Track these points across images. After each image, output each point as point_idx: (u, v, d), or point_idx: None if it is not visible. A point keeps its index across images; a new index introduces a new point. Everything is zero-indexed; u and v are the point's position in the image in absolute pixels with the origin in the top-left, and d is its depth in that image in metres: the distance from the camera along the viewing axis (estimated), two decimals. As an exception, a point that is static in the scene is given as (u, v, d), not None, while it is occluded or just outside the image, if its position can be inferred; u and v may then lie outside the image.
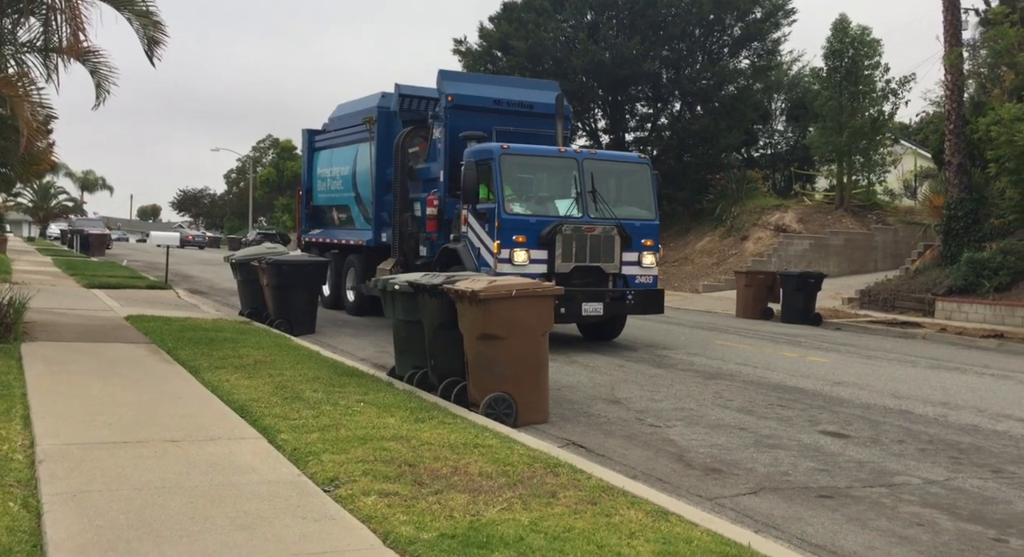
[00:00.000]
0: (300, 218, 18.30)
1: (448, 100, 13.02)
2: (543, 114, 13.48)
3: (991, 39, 15.90)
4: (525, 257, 11.20)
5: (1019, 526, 4.81)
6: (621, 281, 11.78)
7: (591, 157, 12.15)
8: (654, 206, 12.34)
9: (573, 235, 11.36)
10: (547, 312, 7.30)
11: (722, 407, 8.05)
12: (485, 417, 6.77)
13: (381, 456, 5.12)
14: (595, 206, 11.65)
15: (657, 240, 12.12)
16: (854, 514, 4.95)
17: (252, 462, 5.05)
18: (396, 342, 8.68)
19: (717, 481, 5.57)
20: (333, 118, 17.26)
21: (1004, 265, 17.66)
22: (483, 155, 11.70)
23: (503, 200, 11.30)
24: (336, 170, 16.69)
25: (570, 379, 9.33)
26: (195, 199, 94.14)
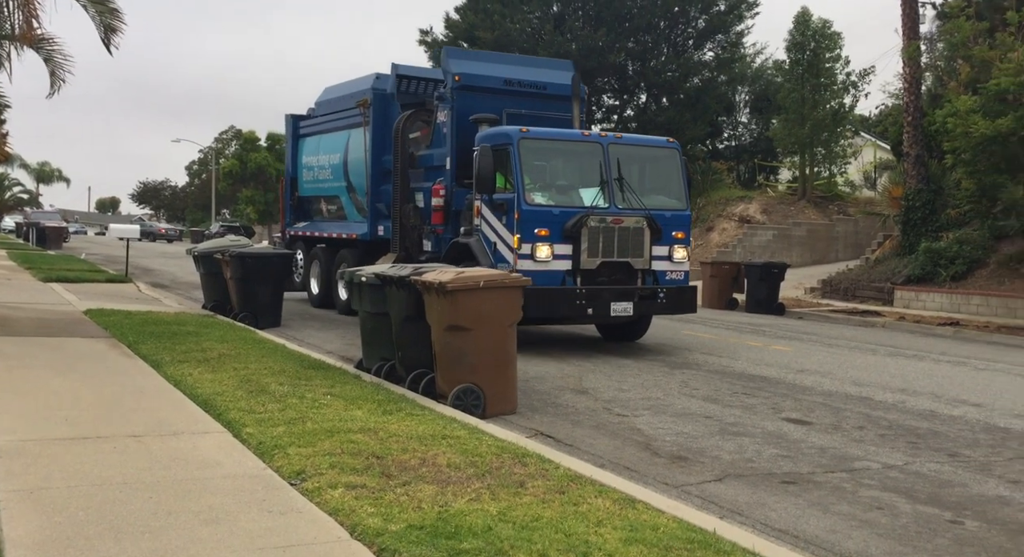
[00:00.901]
0: (284, 210, 17.17)
1: (455, 80, 11.82)
2: (556, 95, 12.34)
3: (947, 33, 16.21)
4: (548, 252, 10.14)
5: (974, 508, 4.94)
6: (651, 278, 10.74)
7: (617, 141, 10.93)
8: (685, 195, 11.31)
9: (600, 228, 10.29)
10: (515, 303, 7.29)
11: (688, 396, 8.13)
12: (453, 408, 6.75)
13: (348, 449, 5.09)
14: (622, 196, 10.55)
15: (689, 233, 11.14)
16: (816, 499, 5.04)
17: (217, 456, 4.98)
18: (363, 334, 8.62)
19: (683, 469, 5.63)
20: (320, 102, 16.10)
21: (960, 254, 18.08)
22: (500, 140, 10.59)
23: (523, 189, 10.21)
24: (325, 158, 15.56)
25: (538, 370, 9.35)
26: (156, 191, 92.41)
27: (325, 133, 15.58)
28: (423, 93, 13.44)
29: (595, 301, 10.20)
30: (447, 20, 35.10)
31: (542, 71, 12.76)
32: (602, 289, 10.30)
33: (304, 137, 16.49)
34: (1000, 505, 5.01)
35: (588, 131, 11.20)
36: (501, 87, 12.07)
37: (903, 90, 21.44)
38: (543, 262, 10.12)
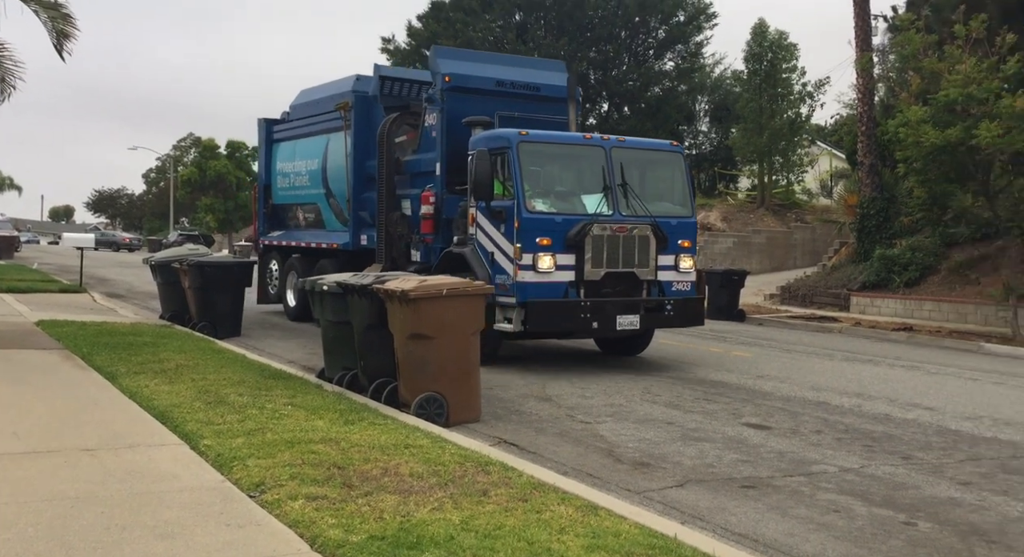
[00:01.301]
0: (257, 218, 16.39)
1: (445, 80, 11.18)
2: (550, 97, 11.82)
3: (898, 45, 16.66)
4: (551, 263, 9.50)
5: (927, 510, 5.05)
6: (656, 288, 10.14)
7: (619, 145, 10.35)
8: (690, 201, 10.81)
9: (604, 236, 9.70)
10: (478, 311, 7.29)
11: (650, 402, 8.19)
12: (416, 417, 6.72)
13: (309, 459, 5.02)
14: (626, 202, 10.00)
15: (695, 241, 10.58)
16: (775, 503, 5.11)
17: (173, 469, 4.89)
18: (325, 343, 8.53)
19: (645, 475, 5.67)
20: (296, 105, 15.40)
21: (913, 261, 18.54)
22: (497, 143, 9.98)
23: (523, 196, 9.58)
24: (301, 164, 14.89)
25: (502, 377, 9.35)
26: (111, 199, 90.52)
27: (302, 138, 14.96)
28: (407, 96, 12.93)
29: (600, 314, 9.64)
30: (409, 28, 35.09)
31: (534, 72, 12.25)
32: (608, 302, 9.72)
33: (278, 142, 15.83)
34: (952, 506, 5.13)
35: (590, 134, 10.64)
36: (493, 88, 11.48)
37: (857, 100, 21.97)
38: (545, 273, 9.53)
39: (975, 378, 10.50)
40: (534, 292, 9.45)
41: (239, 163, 55.49)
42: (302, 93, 15.50)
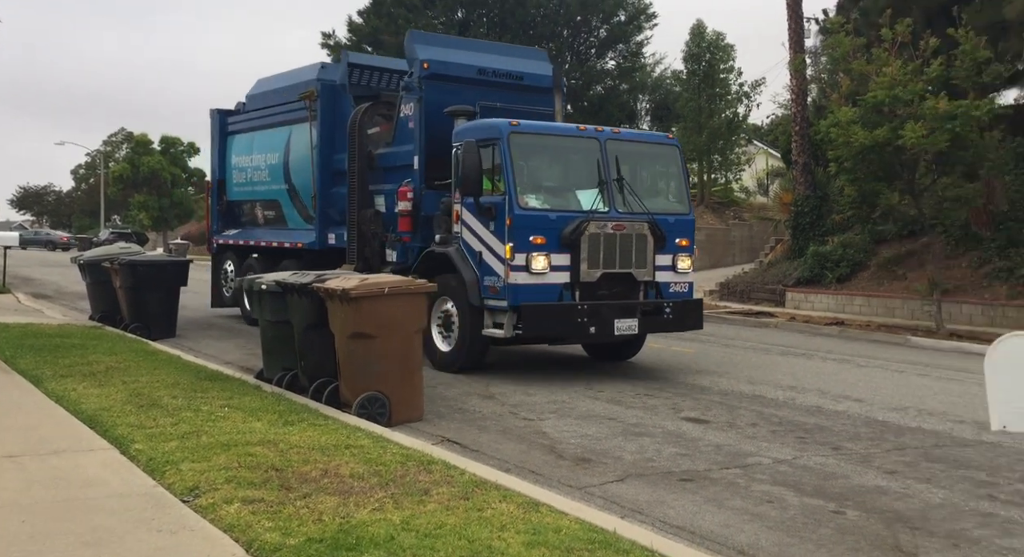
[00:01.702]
0: (210, 216, 15.26)
1: (423, 68, 10.42)
2: (533, 87, 11.19)
3: (829, 47, 17.18)
4: (545, 263, 8.89)
5: (855, 498, 5.23)
6: (653, 290, 9.59)
7: (615, 137, 9.73)
8: (687, 197, 10.27)
9: (600, 235, 9.10)
10: (420, 309, 7.25)
11: (593, 398, 8.27)
12: (358, 417, 6.65)
13: (246, 462, 4.92)
14: (623, 198, 9.39)
15: (693, 239, 10.01)
16: (712, 495, 5.22)
17: (102, 475, 4.73)
18: (264, 343, 8.37)
19: (587, 470, 5.73)
20: (253, 95, 14.39)
21: (844, 257, 19.15)
22: (487, 134, 9.29)
23: (515, 191, 8.91)
24: (260, 158, 13.89)
25: (446, 376, 9.32)
26: (38, 196, 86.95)
27: (260, 130, 13.97)
28: (377, 85, 12.39)
29: (597, 318, 9.04)
30: (350, 24, 34.66)
31: (516, 60, 11.53)
32: (605, 305, 9.13)
33: (234, 134, 14.73)
34: (878, 494, 5.32)
35: (584, 126, 9.96)
36: (474, 77, 10.76)
37: (791, 101, 22.57)
38: (539, 274, 8.88)
39: (901, 370, 10.92)
40: (527, 295, 8.84)
41: (174, 159, 53.93)
42: (260, 82, 14.63)
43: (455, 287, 9.40)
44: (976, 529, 4.70)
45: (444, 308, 9.63)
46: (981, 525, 4.77)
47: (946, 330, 14.45)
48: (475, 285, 9.16)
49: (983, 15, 15.16)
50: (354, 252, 11.24)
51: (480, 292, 9.13)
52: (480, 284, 9.13)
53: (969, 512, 4.99)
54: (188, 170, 55.50)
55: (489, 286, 9.08)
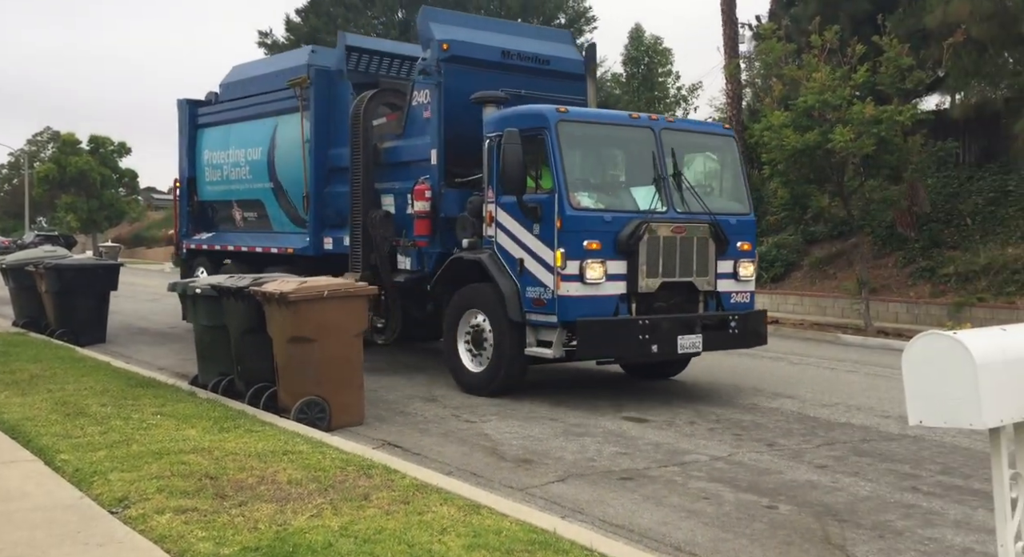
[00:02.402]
0: (179, 218, 13.83)
1: (443, 49, 9.13)
2: (561, 73, 9.97)
3: (762, 52, 17.64)
4: (601, 272, 7.71)
5: (787, 493, 5.38)
6: (714, 301, 8.44)
7: (669, 126, 8.56)
8: (747, 195, 9.01)
9: (660, 239, 7.96)
10: (360, 312, 7.18)
11: (535, 399, 8.32)
12: (296, 422, 6.55)
13: (179, 471, 4.80)
14: (681, 196, 8.27)
15: (755, 243, 8.94)
16: (650, 493, 5.31)
17: (24, 487, 4.54)
18: (199, 349, 8.17)
19: (528, 471, 5.76)
20: (229, 84, 13.04)
21: (778, 258, 19.70)
22: (531, 122, 8.06)
23: (566, 188, 7.74)
24: (239, 153, 12.41)
25: (387, 379, 9.24)
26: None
27: (239, 122, 12.53)
28: (375, 71, 11.22)
29: (659, 334, 7.83)
30: (288, 22, 34.13)
31: (541, 42, 10.31)
32: (666, 319, 7.97)
33: (205, 127, 13.25)
34: (809, 489, 5.49)
35: (636, 113, 8.86)
36: (498, 60, 9.55)
37: (727, 105, 23.12)
38: (594, 284, 7.69)
39: (832, 367, 11.28)
40: (582, 308, 7.64)
41: (103, 159, 52.12)
42: (236, 69, 13.39)
43: (489, 299, 8.22)
44: (900, 520, 4.89)
45: (474, 322, 8.42)
46: (905, 516, 4.96)
47: (874, 328, 14.98)
48: (515, 297, 7.96)
49: (906, 23, 15.77)
50: (359, 259, 9.88)
51: (521, 305, 7.93)
52: (522, 296, 7.95)
53: (894, 504, 5.19)
54: (119, 171, 53.71)
55: (533, 298, 7.87)
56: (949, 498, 5.29)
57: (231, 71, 13.42)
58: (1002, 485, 2.83)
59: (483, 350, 8.37)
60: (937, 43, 14.91)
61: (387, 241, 9.66)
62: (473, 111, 8.83)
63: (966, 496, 5.32)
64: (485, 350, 8.34)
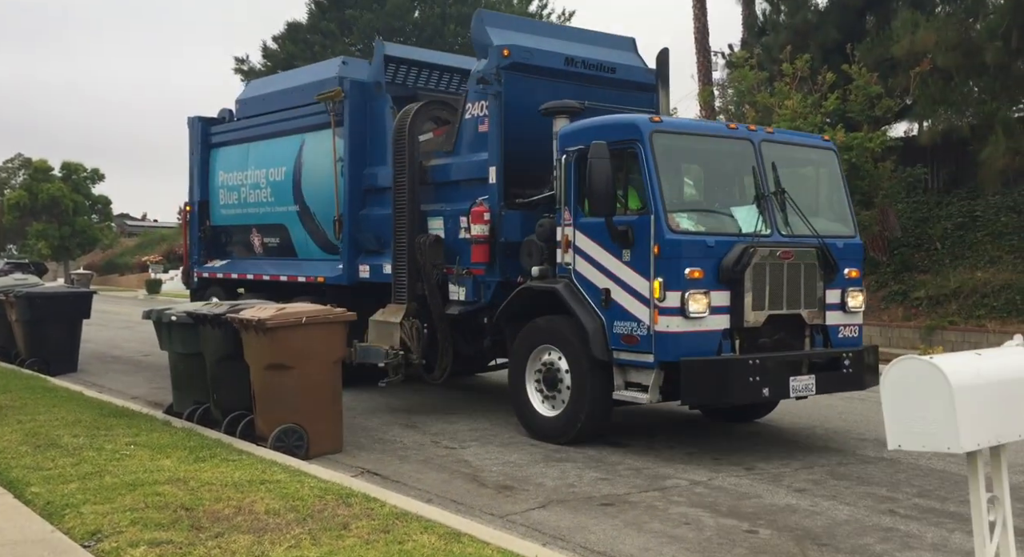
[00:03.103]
0: (189, 245, 12.88)
1: (503, 55, 8.25)
2: (627, 82, 9.08)
3: (735, 80, 17.98)
4: (705, 304, 6.76)
5: (767, 517, 5.39)
6: (821, 336, 7.46)
7: (769, 138, 7.64)
8: (851, 216, 8.05)
9: (766, 266, 7.03)
10: (339, 339, 7.14)
11: (515, 425, 8.26)
12: (274, 451, 6.47)
13: (153, 502, 4.71)
14: (784, 217, 7.34)
15: (863, 269, 8.03)
16: (631, 519, 5.29)
17: (-6, 522, 4.43)
18: (174, 377, 8.07)
19: (509, 498, 5.72)
20: (246, 100, 12.18)
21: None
22: (621, 134, 7.15)
23: (663, 208, 6.82)
24: (259, 174, 11.47)
25: (366, 405, 9.16)
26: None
27: (258, 140, 11.56)
28: (413, 84, 10.58)
29: (770, 376, 6.87)
30: (264, 49, 34.25)
31: (605, 50, 9.40)
32: (774, 358, 6.99)
33: (219, 147, 12.35)
34: (789, 513, 5.50)
35: (733, 123, 7.89)
36: (561, 67, 8.66)
37: (701, 132, 23.39)
38: (697, 318, 6.74)
39: (809, 390, 11.34)
40: (684, 346, 6.70)
41: (76, 186, 51.62)
42: (254, 85, 12.70)
43: (566, 334, 7.32)
44: (878, 544, 4.92)
45: (546, 360, 7.50)
46: (883, 539, 4.99)
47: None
48: (600, 332, 7.03)
49: (874, 53, 16.17)
50: (404, 289, 8.90)
51: (607, 342, 7.00)
52: (608, 331, 7.02)
53: (872, 527, 5.21)
54: (92, 197, 53.19)
55: (622, 334, 6.94)
56: (926, 521, 5.33)
57: (248, 86, 12.83)
58: (980, 508, 2.87)
59: (557, 392, 7.39)
60: (905, 72, 15.29)
61: (437, 269, 8.70)
62: (534, 124, 8.02)
63: (943, 519, 5.36)
64: (560, 392, 7.36)
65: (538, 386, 7.59)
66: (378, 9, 32.23)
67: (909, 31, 14.93)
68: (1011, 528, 3.03)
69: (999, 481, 3.01)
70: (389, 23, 32.16)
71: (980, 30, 14.75)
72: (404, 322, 8.65)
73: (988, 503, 2.92)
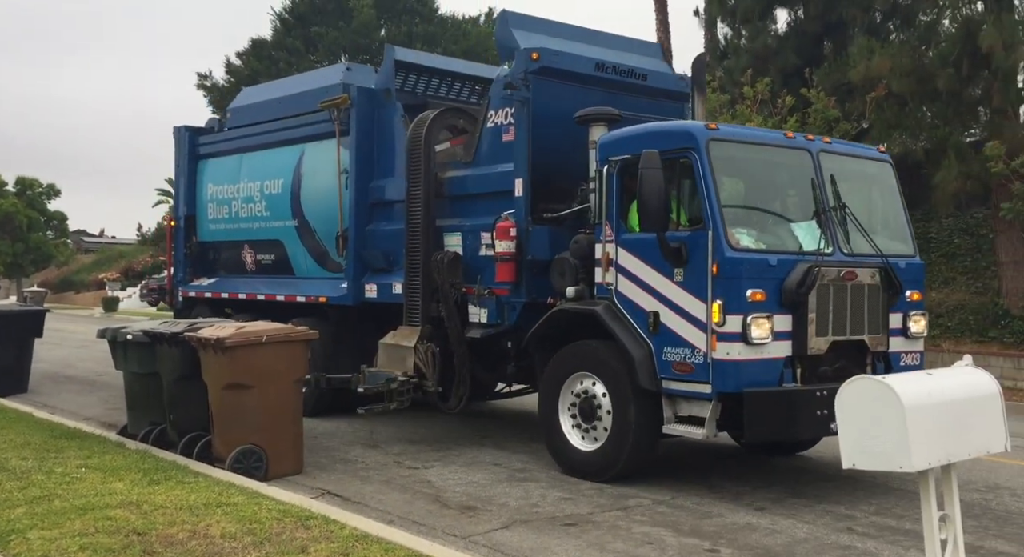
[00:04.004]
0: (173, 262, 12.16)
1: (532, 59, 7.68)
2: (659, 90, 8.55)
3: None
4: (768, 329, 6.13)
5: (728, 536, 5.42)
6: (882, 364, 6.88)
7: (827, 148, 7.06)
8: (910, 233, 7.53)
9: (830, 287, 6.44)
10: (300, 358, 7.05)
11: (479, 445, 8.23)
12: (232, 472, 6.36)
13: (104, 527, 4.58)
14: (846, 234, 6.76)
15: (924, 291, 7.50)
16: (594, 539, 5.28)
17: (-65, 550, 4.27)
18: (129, 398, 7.89)
19: (472, 518, 5.67)
20: (238, 108, 11.53)
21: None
22: (673, 142, 6.54)
23: (722, 224, 6.20)
24: (253, 186, 10.75)
25: (327, 425, 9.04)
26: None
27: (253, 150, 10.90)
28: (424, 91, 10.04)
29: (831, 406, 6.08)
30: (228, 65, 33.98)
31: (634, 56, 8.89)
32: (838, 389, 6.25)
33: (208, 158, 11.62)
34: (749, 531, 5.54)
35: (792, 133, 7.39)
36: (591, 73, 8.08)
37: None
38: (760, 345, 6.11)
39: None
40: (745, 376, 6.07)
41: (30, 202, 50.50)
42: (247, 92, 12.13)
43: (606, 360, 6.70)
44: (838, 559, 4.97)
45: (581, 389, 6.88)
46: None
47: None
48: (647, 359, 6.40)
49: (832, 77, 16.58)
50: (417, 310, 8.26)
51: (656, 370, 6.38)
52: (656, 358, 6.40)
53: (830, 545, 5.27)
54: (47, 213, 52.05)
55: (673, 362, 6.30)
56: (883, 538, 5.40)
57: (241, 94, 12.28)
58: (931, 526, 2.92)
59: (595, 424, 6.77)
60: (861, 96, 15.69)
61: (456, 289, 8.06)
62: (561, 133, 7.53)
63: (899, 537, 5.44)
64: (599, 424, 6.74)
65: (573, 419, 6.94)
66: (344, 27, 32.22)
67: (865, 57, 15.33)
68: (962, 546, 3.09)
69: (950, 499, 3.07)
70: (355, 41, 32.16)
71: (932, 57, 15.19)
72: (418, 346, 8.02)
73: (940, 522, 2.97)
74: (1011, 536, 5.49)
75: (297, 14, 33.38)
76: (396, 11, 33.33)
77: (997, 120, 14.63)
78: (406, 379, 7.95)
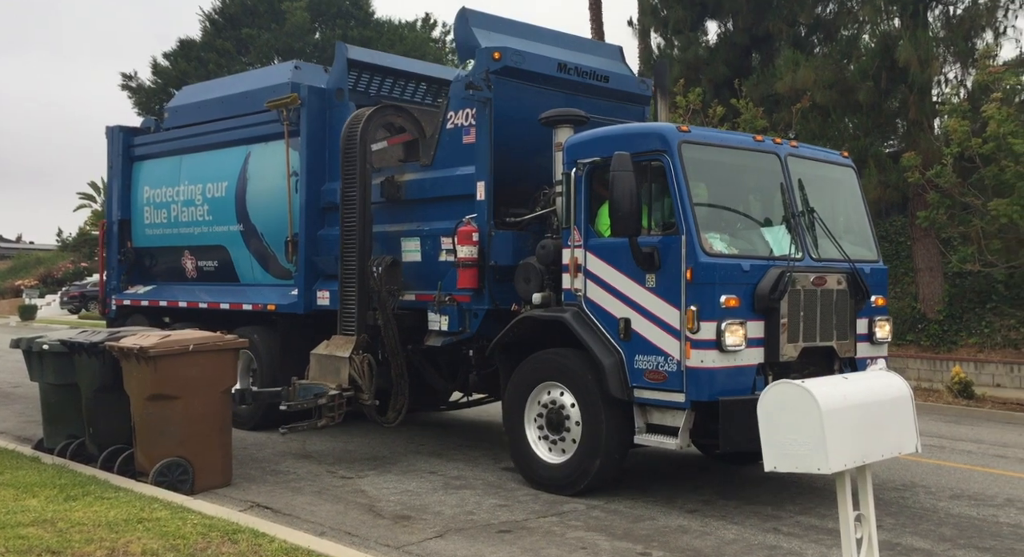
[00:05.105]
0: (106, 268, 11.59)
1: (494, 58, 7.47)
2: (620, 92, 8.45)
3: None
4: (742, 336, 6.01)
5: (660, 539, 5.50)
6: (849, 369, 6.78)
7: (794, 152, 6.98)
8: (873, 238, 7.46)
9: (802, 292, 6.36)
10: (229, 367, 6.87)
11: (414, 452, 8.17)
12: (155, 486, 6.16)
13: (15, 546, 4.36)
14: (815, 240, 6.70)
15: (887, 297, 7.43)
16: (529, 545, 5.29)
17: None
18: (45, 410, 7.55)
19: (406, 528, 5.62)
20: (178, 108, 11.02)
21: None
22: (644, 144, 6.38)
23: (696, 228, 6.07)
24: (193, 189, 10.27)
25: (258, 436, 8.82)
26: None
27: (194, 152, 10.42)
28: (376, 92, 9.77)
29: None
30: (155, 66, 33.04)
31: (594, 58, 8.76)
32: None
33: (144, 159, 11.15)
34: (681, 534, 5.64)
35: (761, 136, 7.23)
36: (554, 74, 7.92)
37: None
38: (734, 352, 5.98)
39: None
40: (719, 384, 5.93)
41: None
42: (188, 91, 11.55)
43: (574, 369, 6.52)
44: (765, 559, 5.10)
45: (548, 399, 6.69)
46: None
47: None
48: (618, 368, 6.24)
49: (760, 88, 17.09)
50: (352, 318, 7.96)
51: (627, 379, 6.22)
52: (628, 367, 6.23)
53: (758, 545, 5.40)
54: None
55: (645, 370, 6.15)
56: (807, 538, 5.57)
57: (181, 92, 11.77)
58: (848, 526, 3.02)
59: (563, 435, 6.58)
60: (787, 107, 16.21)
61: (393, 296, 7.84)
62: (523, 135, 7.45)
63: (822, 535, 5.61)
64: (567, 435, 6.56)
65: (540, 430, 6.75)
66: (277, 29, 31.69)
67: (791, 69, 15.86)
68: (876, 544, 3.21)
69: (865, 499, 3.18)
70: (288, 43, 31.67)
71: (854, 71, 15.82)
72: (354, 356, 7.68)
73: (855, 521, 3.07)
74: (925, 533, 5.73)
75: (227, 15, 32.72)
76: (331, 14, 32.98)
77: (914, 132, 15.32)
78: (338, 393, 7.59)
